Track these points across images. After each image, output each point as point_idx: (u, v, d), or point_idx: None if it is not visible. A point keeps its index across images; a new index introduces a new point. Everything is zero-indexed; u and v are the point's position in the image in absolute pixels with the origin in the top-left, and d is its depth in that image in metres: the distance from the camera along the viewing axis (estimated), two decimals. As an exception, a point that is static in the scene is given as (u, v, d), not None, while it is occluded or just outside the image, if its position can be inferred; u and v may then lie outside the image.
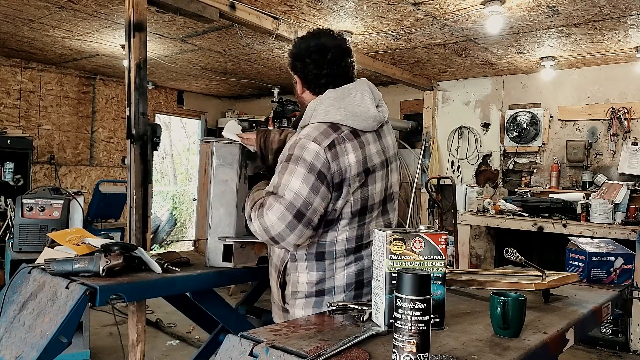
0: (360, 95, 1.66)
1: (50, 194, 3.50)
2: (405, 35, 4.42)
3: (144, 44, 2.85)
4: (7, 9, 4.14)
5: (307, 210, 1.52)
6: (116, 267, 1.83)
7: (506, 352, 1.19)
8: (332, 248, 1.62)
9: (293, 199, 1.52)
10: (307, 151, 1.55)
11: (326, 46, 1.70)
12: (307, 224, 1.53)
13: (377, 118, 1.66)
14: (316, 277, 1.63)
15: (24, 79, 6.22)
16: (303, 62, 1.72)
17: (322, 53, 1.69)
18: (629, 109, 5.00)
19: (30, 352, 1.59)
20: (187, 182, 11.81)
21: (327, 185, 1.54)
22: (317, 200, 1.53)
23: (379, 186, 1.67)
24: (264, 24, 3.92)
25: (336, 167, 1.55)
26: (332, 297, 1.63)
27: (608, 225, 4.45)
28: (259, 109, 8.11)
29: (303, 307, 1.65)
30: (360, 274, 1.65)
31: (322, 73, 1.69)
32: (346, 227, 1.61)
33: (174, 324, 4.57)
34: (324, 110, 1.63)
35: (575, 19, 3.82)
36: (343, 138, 1.58)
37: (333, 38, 1.72)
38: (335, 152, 1.55)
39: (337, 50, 1.71)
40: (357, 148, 1.60)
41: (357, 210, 1.62)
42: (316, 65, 1.69)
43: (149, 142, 2.83)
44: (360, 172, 1.59)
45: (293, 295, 1.67)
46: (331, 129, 1.59)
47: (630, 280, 2.12)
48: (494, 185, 5.87)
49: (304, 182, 1.53)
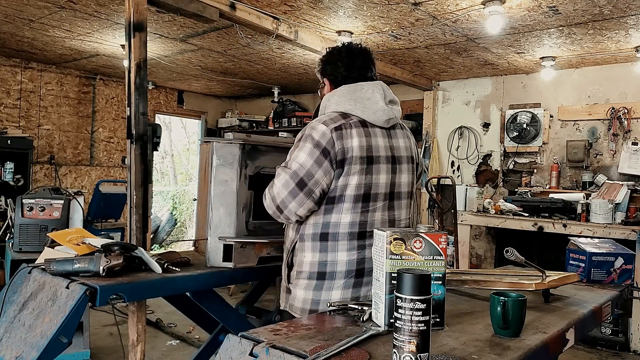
0: (372, 90, 1.81)
1: (51, 194, 3.50)
2: (405, 35, 4.42)
3: (144, 44, 2.85)
4: (7, 9, 4.14)
5: (309, 181, 1.67)
6: (116, 267, 1.83)
7: (506, 352, 1.19)
8: (336, 230, 1.71)
9: (297, 169, 1.68)
10: (315, 131, 1.71)
11: (355, 53, 1.91)
12: (308, 194, 1.68)
13: (386, 112, 1.78)
14: (319, 258, 1.72)
15: (24, 79, 6.23)
16: (334, 65, 1.90)
17: (352, 58, 1.89)
18: (629, 109, 5.00)
19: (30, 352, 1.60)
20: (187, 182, 11.81)
21: (330, 162, 1.68)
22: (320, 173, 1.68)
23: (383, 178, 1.76)
24: (264, 24, 3.92)
25: (340, 146, 1.68)
26: (332, 282, 1.70)
27: (608, 225, 4.45)
28: (259, 109, 8.11)
29: (305, 288, 1.73)
30: (361, 262, 1.72)
31: (352, 75, 1.86)
32: (350, 210, 1.70)
33: (174, 324, 4.57)
34: (336, 101, 1.80)
35: (576, 19, 3.82)
36: (350, 125, 1.73)
37: (361, 49, 1.93)
38: (341, 134, 1.70)
39: (365, 57, 1.91)
40: (362, 135, 1.73)
41: (360, 195, 1.71)
42: (346, 67, 1.87)
43: (149, 142, 2.83)
44: (363, 157, 1.71)
45: (297, 275, 1.76)
46: (341, 116, 1.75)
47: (630, 280, 2.12)
48: (494, 185, 5.87)
49: (309, 155, 1.68)
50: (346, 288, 1.70)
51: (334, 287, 1.70)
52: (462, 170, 6.15)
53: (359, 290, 1.71)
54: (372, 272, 1.64)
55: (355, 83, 1.84)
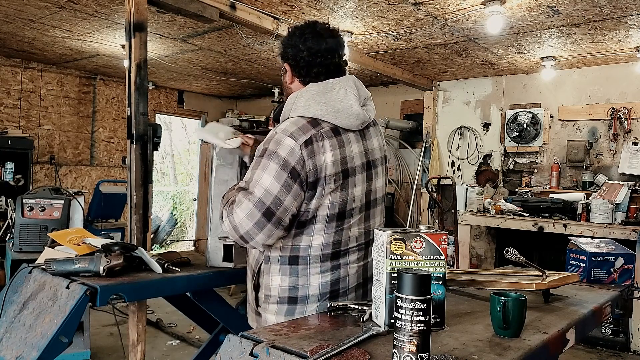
0: (344, 91, 1.58)
1: (51, 194, 3.50)
2: (405, 35, 4.42)
3: (145, 44, 2.85)
4: (7, 9, 4.14)
5: (278, 209, 1.45)
6: (117, 267, 1.83)
7: (506, 352, 1.19)
8: (307, 253, 1.53)
9: (263, 196, 1.45)
10: (282, 146, 1.47)
11: (322, 35, 1.63)
12: (276, 224, 1.47)
13: (360, 116, 1.58)
14: (289, 282, 1.55)
15: (24, 79, 6.23)
16: (296, 49, 1.62)
17: (317, 41, 1.61)
18: (630, 109, 5.00)
19: (30, 352, 1.60)
20: (188, 182, 11.81)
21: (301, 184, 1.47)
22: (289, 199, 1.46)
23: (359, 190, 1.58)
24: (264, 24, 3.93)
25: (311, 165, 1.47)
26: (305, 306, 1.55)
27: (608, 225, 4.45)
28: (259, 109, 8.11)
29: (275, 313, 1.57)
30: (335, 284, 1.56)
31: (316, 62, 1.61)
32: (322, 231, 1.52)
33: (175, 324, 4.57)
34: (304, 104, 1.55)
35: (576, 19, 3.82)
36: (322, 135, 1.50)
37: (329, 29, 1.66)
38: (312, 150, 1.47)
39: (333, 41, 1.64)
40: (336, 147, 1.52)
41: (335, 214, 1.52)
42: (310, 52, 1.60)
43: (149, 142, 2.83)
44: (338, 173, 1.51)
45: (265, 299, 1.60)
46: (310, 124, 1.52)
47: (630, 280, 2.12)
48: (495, 185, 5.86)
49: (275, 178, 1.45)
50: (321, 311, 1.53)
51: (307, 312, 1.54)
52: (463, 170, 6.14)
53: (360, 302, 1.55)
54: (348, 291, 1.60)
55: (325, 81, 1.59)
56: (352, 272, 1.61)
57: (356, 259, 1.62)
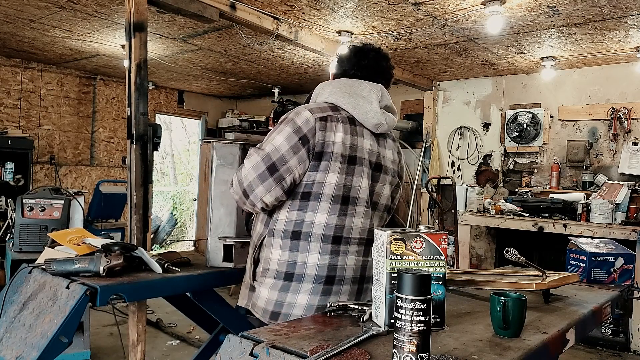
0: (369, 89, 1.71)
1: (51, 194, 3.50)
2: (405, 36, 4.42)
3: (145, 44, 2.85)
4: (7, 9, 4.14)
5: (281, 167, 1.56)
6: (117, 267, 1.83)
7: (506, 352, 1.19)
8: (309, 230, 1.60)
9: (271, 152, 1.57)
10: (299, 116, 1.61)
11: (365, 52, 1.81)
12: (278, 180, 1.57)
13: (377, 116, 1.68)
14: (288, 257, 1.60)
15: (24, 79, 6.23)
16: (341, 63, 1.82)
17: (359, 56, 1.80)
18: (630, 109, 5.00)
19: (30, 352, 1.60)
20: (188, 182, 11.81)
21: (308, 150, 1.58)
22: (294, 161, 1.57)
23: (365, 182, 1.66)
24: (264, 24, 3.93)
25: (320, 137, 1.58)
26: (300, 284, 1.59)
27: (608, 225, 4.45)
28: (259, 109, 8.11)
29: (270, 287, 1.62)
30: (332, 269, 1.61)
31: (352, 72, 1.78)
32: (326, 211, 1.59)
33: (175, 324, 4.57)
34: (329, 91, 1.70)
35: (576, 19, 3.82)
36: (338, 118, 1.63)
37: (374, 49, 1.84)
38: (325, 125, 1.60)
39: (376, 57, 1.81)
40: (348, 132, 1.63)
41: (340, 196, 1.60)
42: (350, 63, 1.79)
43: (149, 142, 2.83)
44: (345, 156, 1.61)
45: (263, 273, 1.65)
46: (330, 108, 1.65)
47: (630, 280, 2.12)
48: (495, 185, 5.86)
49: (286, 139, 1.58)
50: (314, 294, 1.59)
51: (301, 291, 1.59)
52: (463, 171, 6.14)
53: (326, 298, 1.59)
54: (344, 282, 1.63)
55: (354, 79, 1.74)
56: (350, 264, 1.65)
57: (356, 251, 1.66)
